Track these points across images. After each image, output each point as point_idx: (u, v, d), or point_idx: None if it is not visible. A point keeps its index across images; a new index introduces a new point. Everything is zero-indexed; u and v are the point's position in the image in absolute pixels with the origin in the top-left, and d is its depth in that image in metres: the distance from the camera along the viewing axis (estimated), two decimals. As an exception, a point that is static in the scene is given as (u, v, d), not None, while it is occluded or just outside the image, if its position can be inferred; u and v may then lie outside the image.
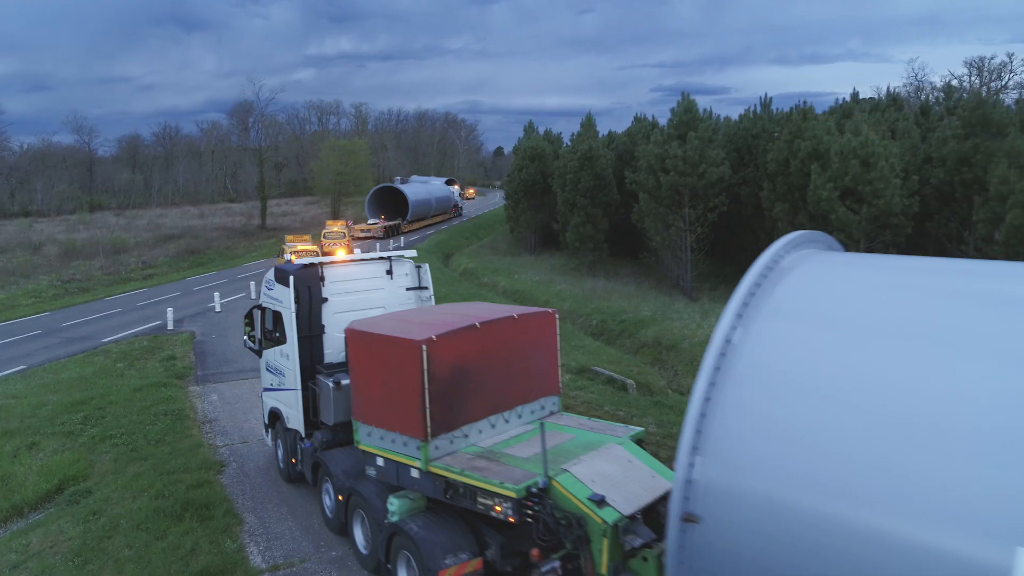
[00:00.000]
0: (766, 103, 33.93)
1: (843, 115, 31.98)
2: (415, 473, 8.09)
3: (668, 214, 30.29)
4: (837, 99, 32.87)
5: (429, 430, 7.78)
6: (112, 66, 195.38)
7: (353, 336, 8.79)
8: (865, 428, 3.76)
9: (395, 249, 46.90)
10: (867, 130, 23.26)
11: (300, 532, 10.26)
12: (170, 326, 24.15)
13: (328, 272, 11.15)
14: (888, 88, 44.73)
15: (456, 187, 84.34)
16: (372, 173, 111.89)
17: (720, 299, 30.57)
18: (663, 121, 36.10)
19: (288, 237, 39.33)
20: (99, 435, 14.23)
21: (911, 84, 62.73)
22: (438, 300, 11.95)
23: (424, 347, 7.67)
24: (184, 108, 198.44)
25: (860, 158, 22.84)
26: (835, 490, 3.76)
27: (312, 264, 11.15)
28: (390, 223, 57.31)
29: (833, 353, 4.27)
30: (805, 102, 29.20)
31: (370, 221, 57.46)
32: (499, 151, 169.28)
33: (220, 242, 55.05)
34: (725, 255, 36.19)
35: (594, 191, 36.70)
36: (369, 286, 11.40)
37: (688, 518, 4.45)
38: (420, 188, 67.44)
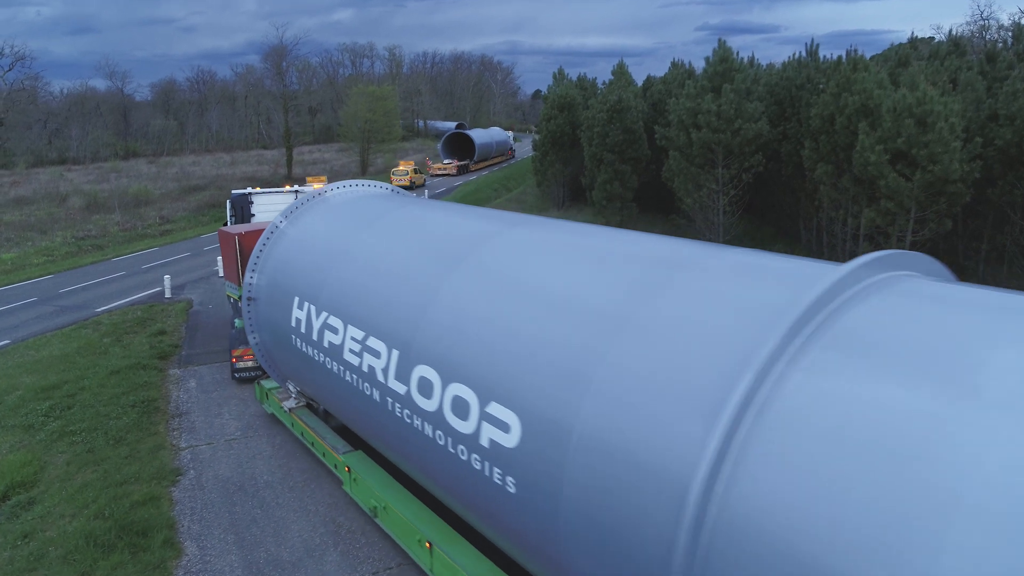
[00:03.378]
0: (812, 50, 30.90)
1: (898, 63, 29.03)
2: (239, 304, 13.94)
3: (700, 174, 28.00)
4: (892, 41, 29.78)
5: (240, 281, 12.34)
6: (155, 7, 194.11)
7: (220, 234, 14.97)
8: (325, 260, 9.51)
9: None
10: (924, 84, 20.62)
11: (243, 570, 9.06)
12: (168, 294, 23.17)
13: (255, 198, 18.69)
14: (950, 31, 40.91)
15: (511, 132, 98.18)
16: (405, 118, 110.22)
17: (754, 266, 28.44)
18: (703, 67, 33.33)
19: (308, 179, 44.27)
20: (59, 430, 13.23)
21: (975, 23, 57.94)
22: None
23: (237, 238, 13.42)
24: (225, 50, 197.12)
25: (916, 117, 20.28)
26: (300, 282, 9.74)
27: (246, 193, 18.60)
28: (461, 163, 69.29)
29: (315, 241, 10.35)
30: (856, 50, 26.36)
31: (445, 161, 69.61)
32: (537, 94, 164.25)
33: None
34: (763, 215, 33.84)
35: (623, 146, 34.37)
36: (283, 208, 18.28)
37: (250, 299, 11.12)
38: (484, 133, 79.26)
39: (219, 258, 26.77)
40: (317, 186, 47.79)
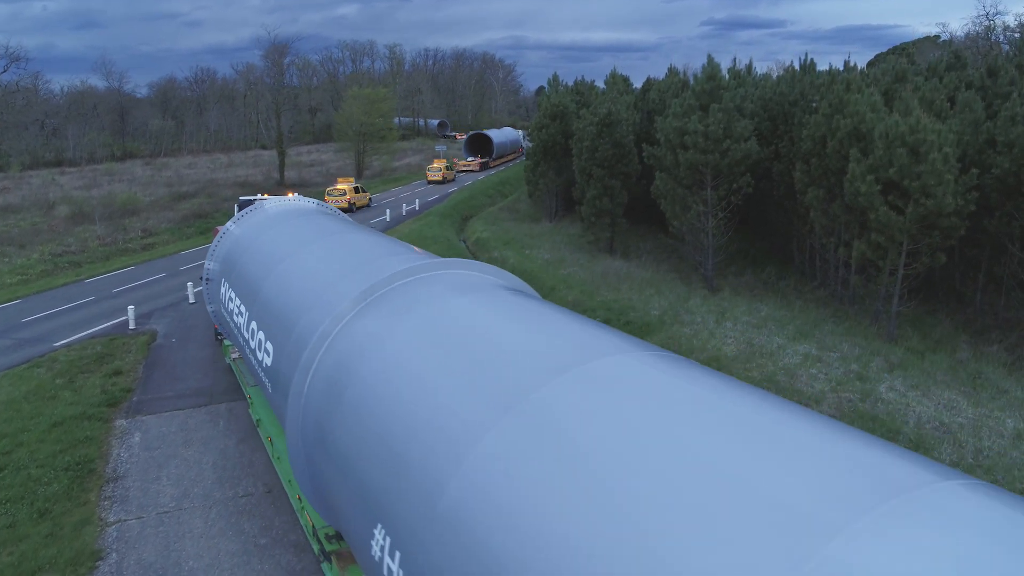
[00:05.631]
0: (807, 66, 29.84)
1: (895, 79, 27.95)
2: None
3: (688, 195, 27.04)
4: (899, 37, 28.66)
5: None
6: (160, 1, 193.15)
7: (215, 232, 18.71)
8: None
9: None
10: (919, 111, 19.60)
11: None
12: (132, 325, 22.40)
13: (257, 204, 20.32)
14: (949, 39, 39.77)
15: (521, 131, 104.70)
16: (406, 116, 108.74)
17: (743, 290, 27.46)
18: (704, 70, 32.09)
19: (339, 179, 52.64)
20: (-16, 500, 12.46)
21: (981, 22, 56.62)
22: None
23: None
24: (229, 45, 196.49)
25: (908, 145, 19.29)
26: (227, 267, 13.75)
27: (253, 199, 20.16)
28: (483, 160, 79.52)
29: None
30: (854, 64, 25.33)
31: (468, 159, 79.36)
32: (540, 91, 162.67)
33: (234, 201, 53.21)
34: (756, 231, 32.84)
35: (612, 160, 33.39)
36: None
37: (207, 280, 14.82)
38: (499, 133, 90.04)
39: (189, 283, 26.14)
40: (346, 187, 49.05)
